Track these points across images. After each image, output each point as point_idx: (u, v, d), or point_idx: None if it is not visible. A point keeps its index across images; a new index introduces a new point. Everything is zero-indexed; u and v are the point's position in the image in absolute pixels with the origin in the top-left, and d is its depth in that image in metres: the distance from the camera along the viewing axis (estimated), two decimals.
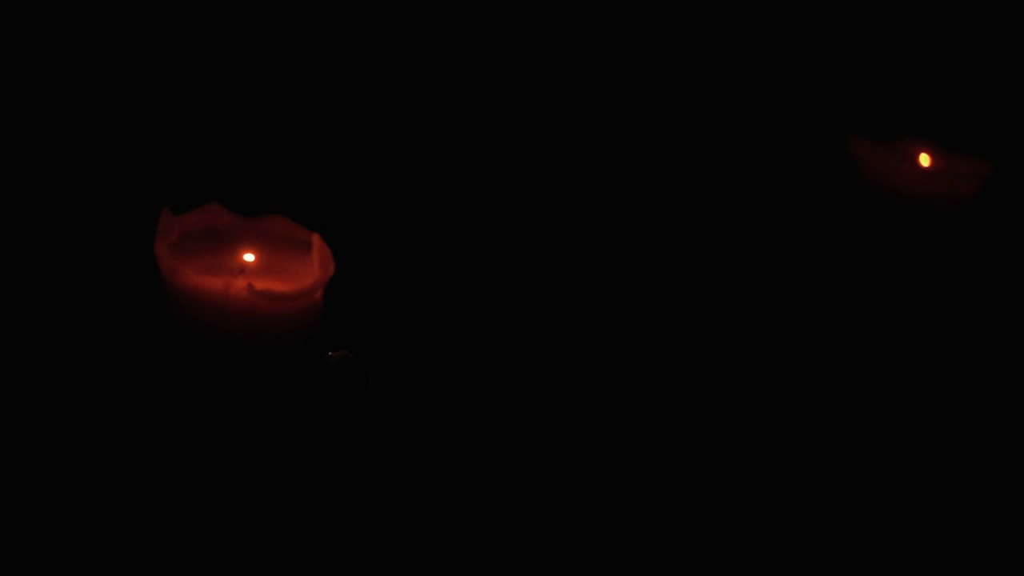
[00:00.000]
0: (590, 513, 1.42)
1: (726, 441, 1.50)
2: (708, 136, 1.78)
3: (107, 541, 1.31)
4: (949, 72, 1.79)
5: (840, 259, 1.63)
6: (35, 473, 1.34)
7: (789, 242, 1.70)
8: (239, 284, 1.29)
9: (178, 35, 1.70)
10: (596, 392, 1.53)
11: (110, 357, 1.44)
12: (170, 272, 1.30)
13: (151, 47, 1.69)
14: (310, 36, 1.73)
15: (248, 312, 1.30)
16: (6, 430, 1.37)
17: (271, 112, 1.71)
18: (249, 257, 1.35)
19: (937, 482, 1.48)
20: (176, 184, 1.63)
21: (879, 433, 1.52)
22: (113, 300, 1.49)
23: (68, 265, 1.55)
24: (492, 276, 1.66)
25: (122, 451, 1.35)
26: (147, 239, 1.32)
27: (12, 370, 1.42)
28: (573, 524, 1.40)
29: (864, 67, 1.79)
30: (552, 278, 1.66)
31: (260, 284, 1.29)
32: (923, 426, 1.53)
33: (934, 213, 1.58)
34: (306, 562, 1.32)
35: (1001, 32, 1.79)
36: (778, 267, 1.68)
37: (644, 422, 1.51)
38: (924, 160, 1.61)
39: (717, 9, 1.78)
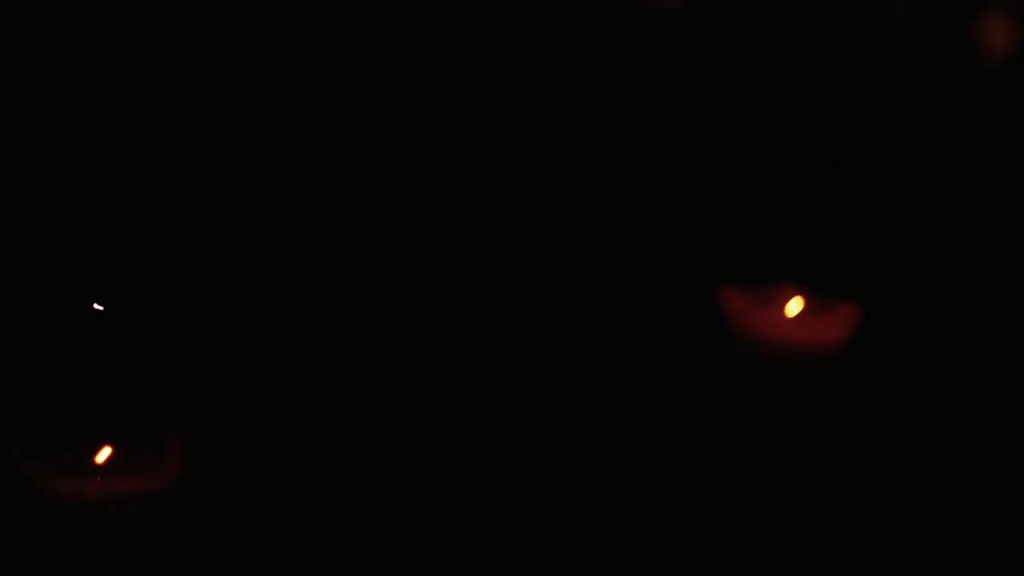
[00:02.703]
0: (586, 510, 1.43)
1: (724, 440, 1.52)
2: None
3: None
4: (816, 218, 1.81)
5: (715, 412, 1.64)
6: None
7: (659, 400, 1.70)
8: (93, 486, 1.30)
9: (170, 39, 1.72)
10: (594, 389, 1.55)
11: None
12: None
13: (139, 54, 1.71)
14: (306, 33, 1.75)
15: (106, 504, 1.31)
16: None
17: (267, 104, 1.72)
18: (104, 453, 1.37)
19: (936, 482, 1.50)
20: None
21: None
22: None
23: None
24: (489, 269, 1.67)
25: None
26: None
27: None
28: (568, 521, 1.42)
29: (733, 217, 1.81)
30: (547, 269, 1.69)
31: (116, 483, 1.31)
32: None
33: (802, 360, 1.60)
34: (297, 550, 1.34)
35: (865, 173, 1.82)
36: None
37: (639, 420, 1.53)
38: (793, 307, 1.62)
39: None
